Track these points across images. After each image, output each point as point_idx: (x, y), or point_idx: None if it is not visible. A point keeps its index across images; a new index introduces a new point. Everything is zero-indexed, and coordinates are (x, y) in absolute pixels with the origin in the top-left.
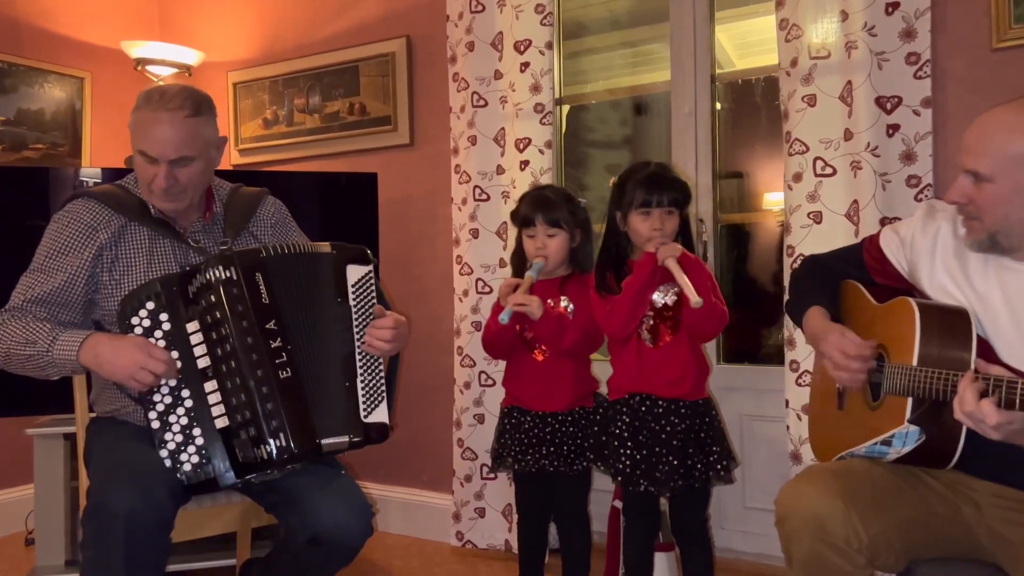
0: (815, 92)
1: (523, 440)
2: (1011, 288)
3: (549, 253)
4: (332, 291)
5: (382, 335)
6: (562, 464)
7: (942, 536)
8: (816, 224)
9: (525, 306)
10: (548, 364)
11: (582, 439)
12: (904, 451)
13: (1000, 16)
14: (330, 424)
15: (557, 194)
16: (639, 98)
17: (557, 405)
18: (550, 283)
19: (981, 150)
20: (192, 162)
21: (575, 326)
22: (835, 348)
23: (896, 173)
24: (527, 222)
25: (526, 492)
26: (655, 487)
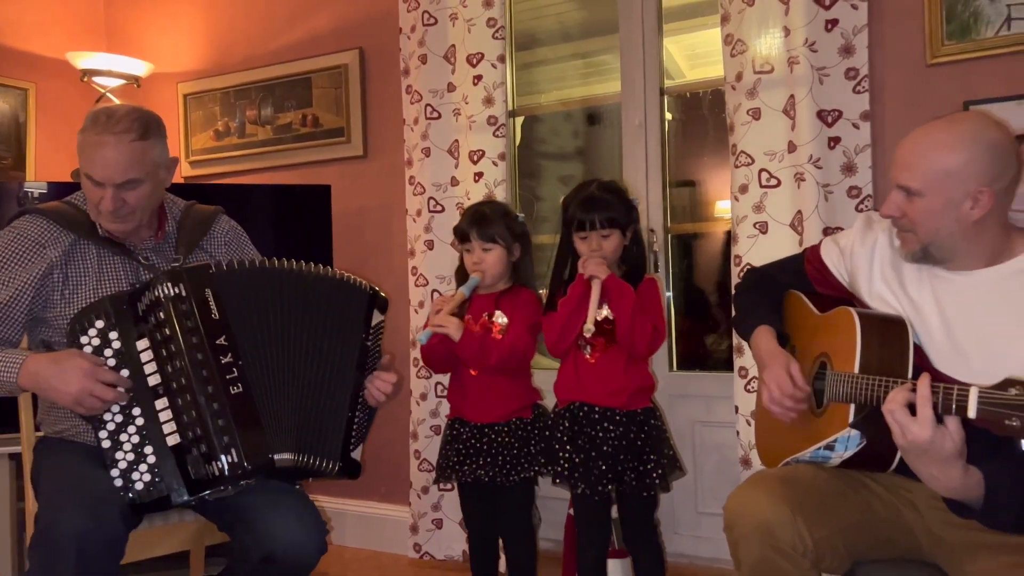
0: (760, 106)
1: (462, 451)
2: (943, 297)
3: (485, 268)
4: (349, 325)
5: (385, 388)
6: (498, 475)
7: (884, 538)
8: (762, 234)
9: (444, 328)
10: (483, 377)
11: (519, 450)
12: (847, 455)
13: (933, 33)
14: (284, 440)
15: (494, 209)
16: (592, 109)
17: (494, 416)
18: (487, 297)
19: (913, 166)
20: (140, 184)
21: (502, 344)
22: (774, 383)
23: (838, 184)
24: (464, 238)
25: (468, 504)
26: (590, 489)
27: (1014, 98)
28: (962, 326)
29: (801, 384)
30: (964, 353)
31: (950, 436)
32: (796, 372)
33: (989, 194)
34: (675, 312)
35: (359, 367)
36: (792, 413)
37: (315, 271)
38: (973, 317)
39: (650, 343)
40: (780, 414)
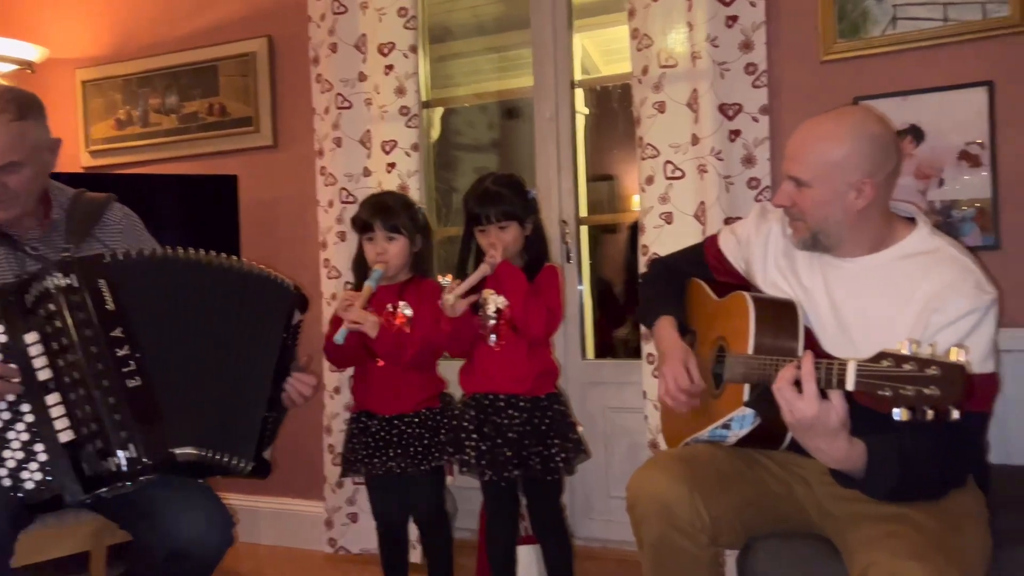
0: (664, 99)
1: (371, 444)
2: (832, 282)
3: (389, 259)
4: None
5: (304, 390)
6: (410, 465)
7: (777, 513)
8: (668, 224)
9: (360, 325)
10: (389, 369)
11: (429, 439)
12: (742, 434)
13: (827, 31)
14: (187, 434)
15: (396, 200)
16: (510, 103)
17: (403, 407)
18: (390, 288)
19: (802, 157)
20: (21, 168)
21: (414, 337)
22: (671, 377)
23: (738, 176)
24: (366, 228)
25: (379, 497)
26: (496, 475)
27: (899, 94)
28: (848, 309)
29: (697, 379)
30: (850, 334)
31: (834, 410)
32: (693, 367)
33: (871, 184)
34: (591, 302)
35: (277, 367)
36: (685, 407)
37: (228, 263)
38: (858, 300)
39: (546, 325)
40: (674, 407)
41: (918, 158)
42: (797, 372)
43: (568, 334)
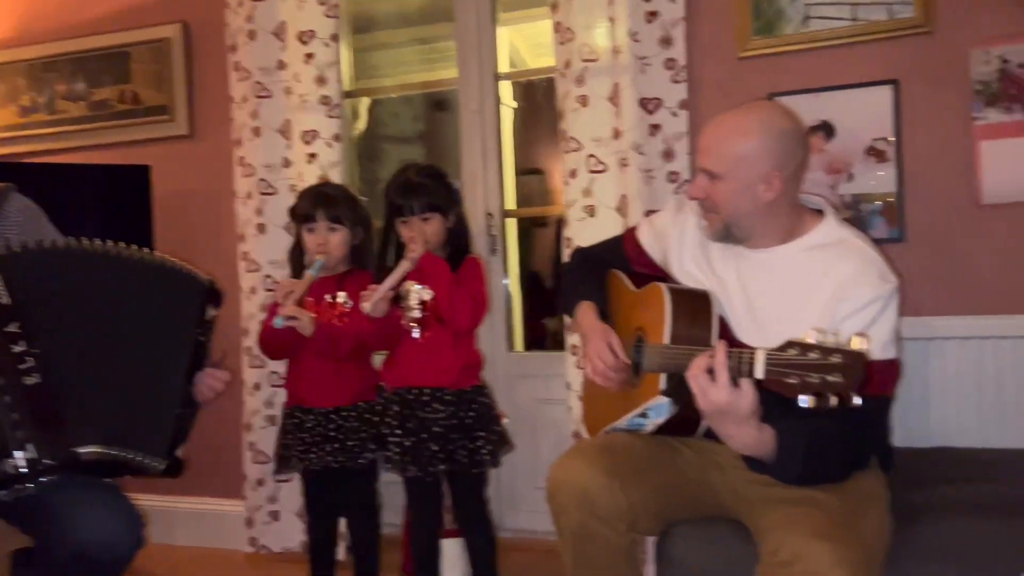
0: (587, 93)
1: (306, 439)
2: (745, 273)
3: (330, 249)
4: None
5: (216, 386)
6: (348, 459)
7: (694, 499)
8: (591, 217)
9: (297, 320)
10: (325, 362)
11: (366, 432)
12: (659, 422)
13: (743, 29)
14: (91, 433)
15: (338, 191)
16: (437, 94)
17: (340, 400)
18: (329, 279)
19: (714, 151)
20: None
21: (348, 331)
22: (596, 355)
23: (658, 169)
24: (308, 218)
25: (315, 492)
26: (421, 471)
27: (811, 91)
28: (760, 299)
29: (621, 355)
30: (761, 323)
31: (744, 397)
32: (616, 343)
33: (780, 177)
34: (521, 295)
35: (190, 363)
36: (614, 383)
37: (137, 255)
38: (769, 290)
39: (472, 316)
40: (604, 384)
41: (829, 153)
42: (711, 361)
43: (494, 327)
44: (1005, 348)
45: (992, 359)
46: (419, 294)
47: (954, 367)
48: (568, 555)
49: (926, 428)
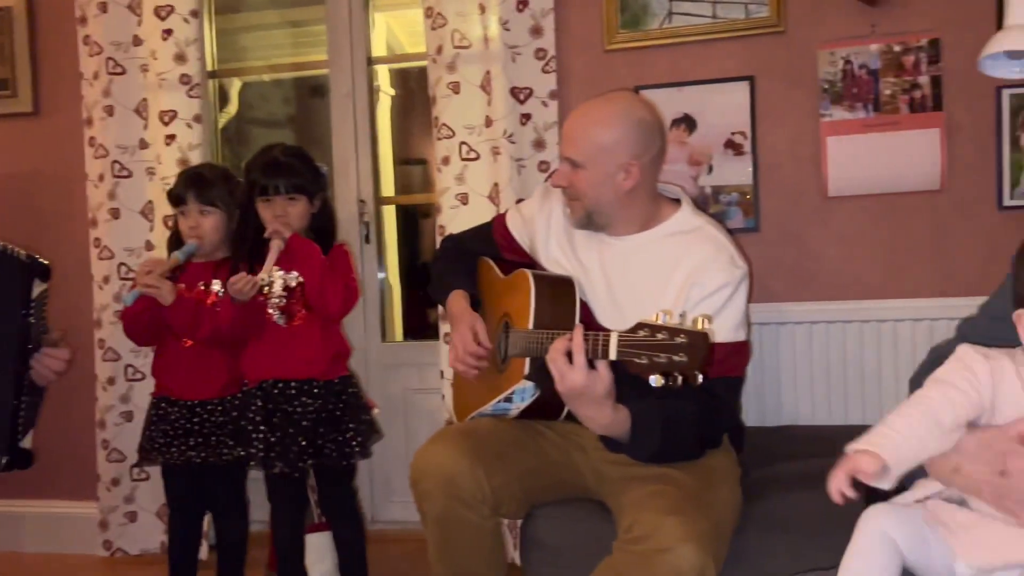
0: (459, 80)
1: (169, 432)
2: (606, 260)
3: (203, 234)
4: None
5: (55, 365)
6: (211, 455)
7: (557, 481)
8: (463, 205)
9: (155, 289)
10: (197, 351)
11: (231, 428)
12: (523, 406)
13: (610, 22)
14: None
15: (214, 172)
16: (314, 80)
17: (207, 393)
18: (204, 266)
19: (576, 140)
20: None
21: (217, 315)
22: (459, 341)
23: (529, 159)
24: (179, 200)
25: (176, 487)
26: (289, 467)
27: (675, 85)
28: (620, 284)
29: (484, 341)
30: (621, 308)
31: (600, 379)
32: (480, 330)
33: (638, 166)
34: (401, 285)
35: (20, 345)
36: (474, 371)
37: None
38: (629, 276)
39: (343, 302)
40: (464, 372)
41: (691, 146)
42: (568, 344)
43: (368, 316)
44: (848, 332)
45: (836, 342)
46: (284, 280)
47: (803, 350)
48: (433, 541)
49: (778, 408)
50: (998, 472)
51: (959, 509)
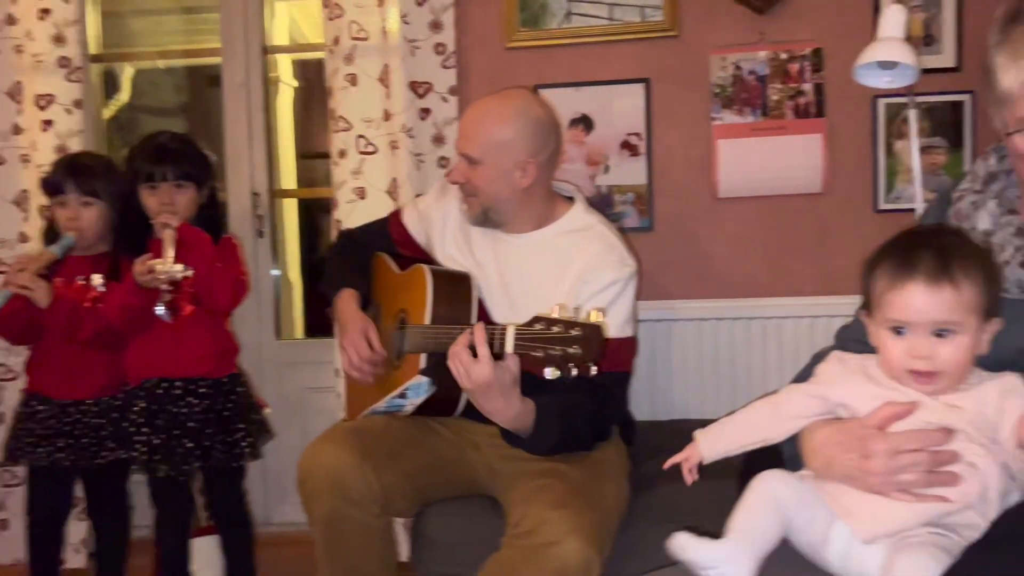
0: (356, 72)
1: (37, 431)
2: (502, 256)
3: (83, 226)
4: None
5: None
6: (81, 458)
7: (450, 478)
8: (361, 200)
9: (29, 290)
10: (76, 348)
11: (106, 431)
12: (418, 402)
13: (510, 19)
14: None
15: (97, 161)
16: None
17: (83, 393)
18: (84, 260)
19: (472, 136)
20: None
21: (98, 314)
22: (352, 348)
23: (428, 154)
24: (56, 190)
25: (41, 491)
26: (175, 471)
27: (573, 84)
28: (515, 281)
29: (378, 348)
30: (515, 304)
31: (508, 370)
32: (373, 336)
33: (535, 164)
34: (302, 280)
35: None
36: (370, 377)
37: None
38: (524, 273)
39: (233, 294)
40: (359, 377)
41: (588, 146)
42: (471, 339)
43: (262, 313)
44: (736, 328)
45: (725, 338)
46: (169, 272)
47: (694, 346)
48: (320, 541)
49: (669, 402)
50: (862, 457)
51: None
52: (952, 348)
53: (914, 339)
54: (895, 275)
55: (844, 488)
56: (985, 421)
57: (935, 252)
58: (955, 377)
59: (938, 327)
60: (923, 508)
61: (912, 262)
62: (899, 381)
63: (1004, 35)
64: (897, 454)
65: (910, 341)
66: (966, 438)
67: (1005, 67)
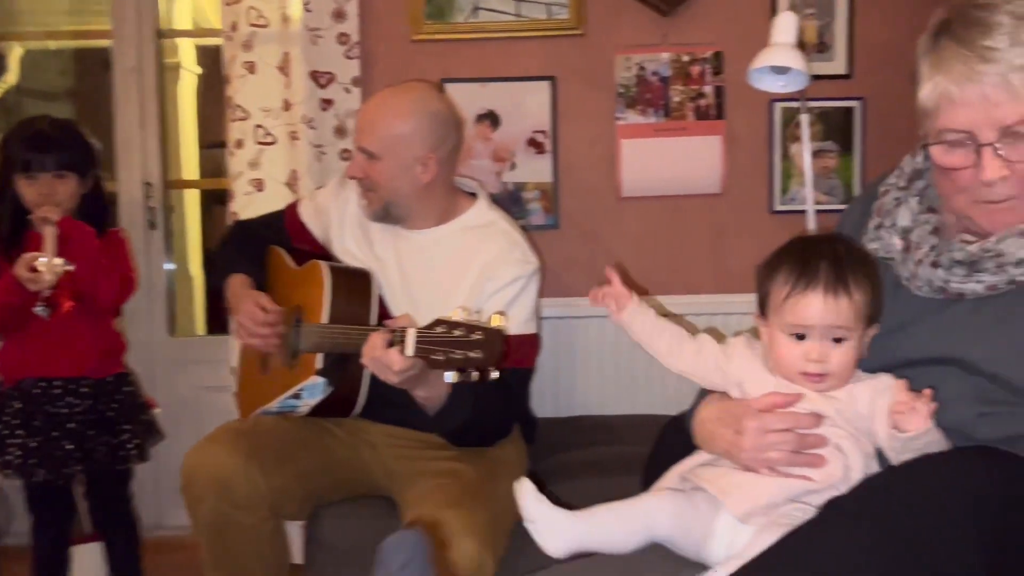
0: (255, 59)
1: None
2: (403, 253)
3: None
4: None
5: None
6: None
7: (345, 479)
8: (259, 191)
9: None
10: None
11: None
12: (313, 403)
13: (416, 11)
14: None
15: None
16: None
17: None
18: None
19: (371, 130)
20: None
21: None
22: (247, 316)
23: (330, 146)
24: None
25: None
26: (54, 475)
27: (480, 80)
28: (417, 278)
29: (272, 307)
30: (416, 302)
31: None
32: (266, 302)
33: (435, 159)
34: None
35: None
36: (273, 339)
37: None
38: (425, 270)
39: (118, 292)
40: (262, 346)
41: (495, 142)
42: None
43: (154, 309)
44: None
45: (626, 336)
46: (54, 271)
47: (596, 343)
48: (207, 547)
49: (571, 399)
50: (736, 432)
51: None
52: (843, 352)
53: (811, 344)
54: (796, 283)
55: (721, 472)
56: (856, 413)
57: (832, 262)
58: (842, 378)
59: (835, 333)
60: (788, 484)
61: (813, 271)
62: (790, 380)
63: (930, 45)
64: (766, 433)
65: (808, 345)
66: (833, 424)
67: (926, 79)
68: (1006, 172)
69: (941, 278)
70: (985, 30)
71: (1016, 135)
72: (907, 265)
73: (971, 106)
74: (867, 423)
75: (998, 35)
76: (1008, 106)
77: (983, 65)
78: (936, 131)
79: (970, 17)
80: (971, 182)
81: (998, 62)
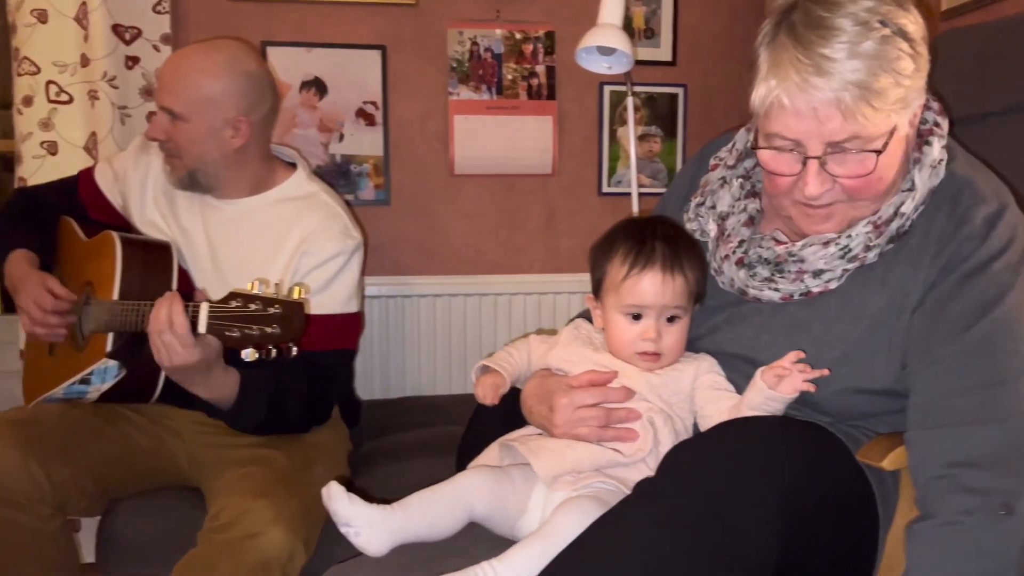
0: (47, 8)
1: None
2: (211, 224)
3: None
4: None
5: None
6: None
7: (145, 470)
8: (51, 155)
9: None
10: None
11: None
12: (104, 388)
13: None
14: None
15: None
16: None
17: None
18: None
19: (175, 89)
20: None
21: None
22: (32, 303)
23: (136, 108)
24: None
25: None
26: None
27: (304, 44)
28: (225, 251)
29: (63, 294)
30: (225, 276)
31: (208, 347)
32: (55, 285)
33: (247, 123)
34: None
35: None
36: (62, 329)
37: None
38: (236, 242)
39: None
40: (50, 336)
41: (321, 111)
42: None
43: None
44: (469, 304)
45: (459, 314)
46: None
47: (427, 322)
48: None
49: (402, 380)
50: (549, 408)
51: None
52: (677, 331)
53: (648, 323)
54: (634, 264)
55: (535, 438)
56: (676, 391)
57: (666, 242)
58: (674, 357)
59: (670, 312)
60: (597, 452)
61: (649, 252)
62: (626, 362)
63: (771, 36)
64: (576, 408)
65: (644, 324)
66: (643, 398)
67: (761, 79)
68: (828, 185)
69: (742, 280)
70: (825, 35)
71: (844, 150)
72: (716, 257)
73: (802, 117)
74: (687, 400)
75: (837, 43)
76: (837, 123)
77: (817, 78)
78: (766, 134)
79: (812, 15)
80: (794, 186)
81: (832, 75)
